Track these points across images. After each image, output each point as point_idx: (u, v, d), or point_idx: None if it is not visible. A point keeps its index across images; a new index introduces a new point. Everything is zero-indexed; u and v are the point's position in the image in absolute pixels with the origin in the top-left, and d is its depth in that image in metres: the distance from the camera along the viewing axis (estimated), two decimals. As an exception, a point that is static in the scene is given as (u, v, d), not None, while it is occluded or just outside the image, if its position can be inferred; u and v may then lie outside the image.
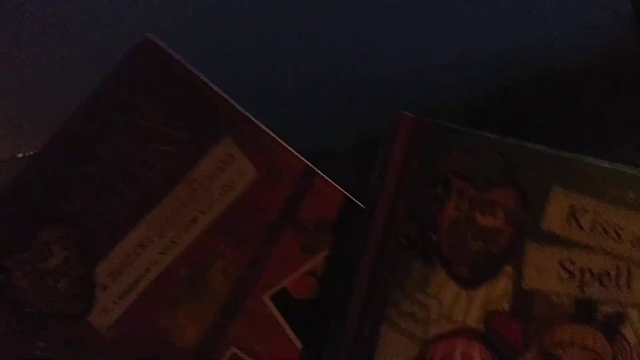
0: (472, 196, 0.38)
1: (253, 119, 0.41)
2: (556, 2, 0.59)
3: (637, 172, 0.38)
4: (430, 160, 0.39)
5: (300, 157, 0.41)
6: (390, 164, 0.39)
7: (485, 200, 0.38)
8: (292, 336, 0.40)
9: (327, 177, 0.41)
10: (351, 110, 0.57)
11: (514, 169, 0.38)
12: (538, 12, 0.59)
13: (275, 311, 0.40)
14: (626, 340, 0.36)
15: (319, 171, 0.41)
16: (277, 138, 0.41)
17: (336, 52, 0.59)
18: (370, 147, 0.45)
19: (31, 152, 0.46)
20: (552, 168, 0.38)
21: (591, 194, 0.38)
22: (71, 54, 0.56)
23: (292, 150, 0.41)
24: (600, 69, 0.57)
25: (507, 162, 0.38)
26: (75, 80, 0.48)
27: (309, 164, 0.41)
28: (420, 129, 0.39)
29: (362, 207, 0.40)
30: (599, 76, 0.39)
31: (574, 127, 0.41)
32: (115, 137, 0.41)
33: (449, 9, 0.59)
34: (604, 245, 0.37)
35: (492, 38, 0.60)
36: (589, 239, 0.37)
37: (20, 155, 0.55)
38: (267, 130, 0.41)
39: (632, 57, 0.60)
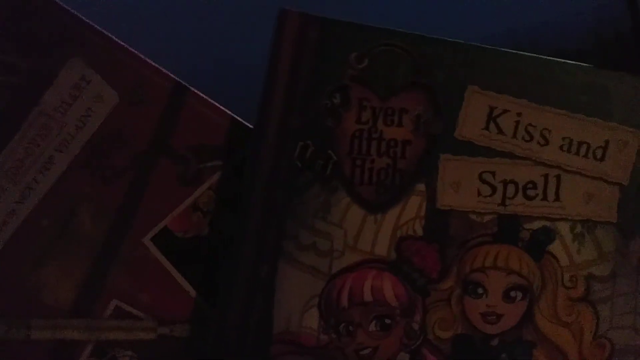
0: (374, 105, 0.34)
1: (107, 33, 0.36)
2: None
3: (567, 62, 0.33)
4: (322, 64, 0.34)
5: (169, 73, 0.36)
6: (277, 72, 0.34)
7: (389, 108, 0.34)
8: (181, 280, 0.37)
9: (203, 95, 0.36)
10: None
11: (422, 69, 0.34)
12: None
13: (158, 254, 0.36)
14: (556, 259, 0.33)
15: (192, 88, 0.36)
16: (139, 54, 0.36)
17: None
18: None
19: None
20: (466, 64, 0.34)
21: (513, 92, 0.34)
22: None
23: (158, 67, 0.36)
24: (591, 52, 0.58)
25: (413, 61, 0.34)
26: None
27: (180, 80, 0.36)
28: (309, 27, 0.34)
29: (247, 126, 0.35)
30: (590, 59, 0.36)
31: None
32: None
33: None
34: (530, 151, 0.34)
35: (483, 22, 0.60)
36: (512, 146, 0.34)
37: None
38: (126, 46, 0.37)
39: (623, 40, 0.58)
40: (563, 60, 0.36)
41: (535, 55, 0.36)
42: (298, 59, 0.36)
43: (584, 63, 0.36)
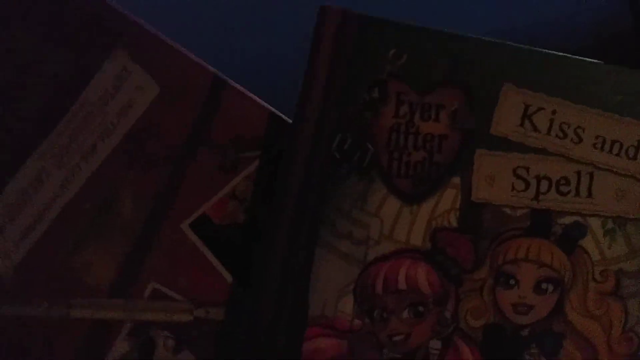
0: (411, 100, 0.36)
1: (149, 27, 0.38)
2: None
3: (600, 63, 0.35)
4: (362, 60, 0.37)
5: (208, 67, 0.38)
6: (317, 67, 0.37)
7: (426, 103, 0.36)
8: (218, 265, 0.39)
9: (242, 88, 0.38)
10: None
11: (459, 65, 0.36)
12: None
13: (196, 240, 0.39)
14: (587, 254, 0.35)
15: (232, 82, 0.38)
16: (180, 47, 0.38)
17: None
18: None
19: None
20: (503, 62, 0.37)
21: (548, 91, 0.36)
22: None
23: (199, 60, 0.39)
24: (593, 49, 0.58)
25: (451, 58, 0.36)
26: None
27: (219, 73, 0.38)
28: (349, 23, 0.36)
29: (285, 119, 0.38)
30: (592, 57, 0.38)
31: None
32: None
33: None
34: (563, 149, 0.36)
35: (485, 19, 0.63)
36: (546, 143, 0.36)
37: None
38: (167, 40, 0.40)
39: (624, 38, 0.59)
40: (597, 61, 0.38)
41: (570, 55, 0.38)
42: (338, 54, 0.39)
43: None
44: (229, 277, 0.41)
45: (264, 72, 0.53)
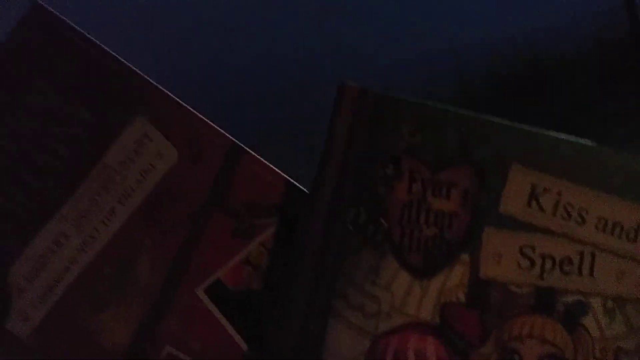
0: (424, 177, 0.38)
1: (170, 94, 0.40)
2: None
3: (604, 148, 0.38)
4: (377, 136, 0.38)
5: (226, 134, 0.40)
6: (334, 142, 0.38)
7: (439, 181, 0.38)
8: (231, 330, 0.41)
9: (257, 156, 0.40)
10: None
11: (470, 145, 0.38)
12: (529, 1, 0.61)
13: (210, 305, 0.40)
14: (587, 332, 0.38)
15: (247, 149, 0.40)
16: (198, 114, 0.40)
17: (328, 44, 0.63)
18: None
19: None
20: (512, 144, 0.39)
21: (554, 173, 0.38)
22: None
23: (216, 127, 0.41)
24: (592, 56, 0.61)
25: (463, 138, 0.38)
26: None
27: (236, 141, 0.40)
28: (365, 101, 0.38)
29: (301, 188, 0.40)
30: (591, 63, 0.40)
31: (567, 114, 0.42)
32: (11, 121, 0.40)
33: (439, 4, 0.60)
34: (567, 229, 0.38)
35: (484, 26, 0.64)
36: (551, 223, 0.38)
37: None
38: (187, 107, 0.41)
39: (624, 44, 0.62)
40: (601, 145, 0.40)
41: (577, 139, 0.40)
42: (354, 129, 0.40)
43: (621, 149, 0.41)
44: (242, 343, 0.43)
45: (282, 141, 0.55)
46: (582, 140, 0.41)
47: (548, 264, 0.40)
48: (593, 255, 0.40)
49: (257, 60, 0.62)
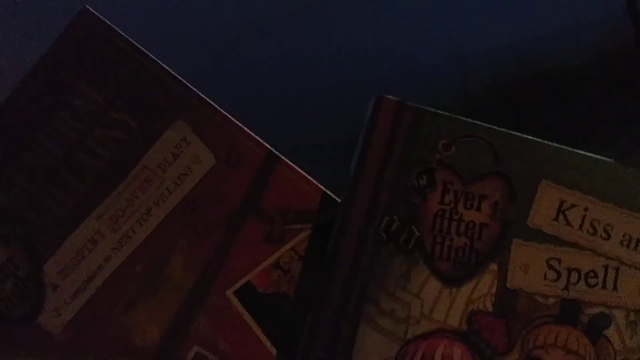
0: (457, 188, 0.40)
1: (209, 100, 0.43)
2: (550, 0, 0.63)
3: (631, 167, 0.40)
4: (413, 148, 0.40)
5: (262, 141, 0.42)
6: (371, 151, 0.41)
7: (471, 193, 0.40)
8: (259, 332, 0.42)
9: (291, 163, 0.42)
10: (347, 108, 0.61)
11: (502, 160, 0.40)
12: (533, 10, 0.64)
13: (239, 307, 0.42)
14: (610, 343, 0.39)
15: (282, 157, 0.42)
16: (236, 121, 0.42)
17: (331, 52, 0.65)
18: None
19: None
20: (542, 160, 0.41)
21: (582, 189, 0.40)
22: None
23: (253, 135, 0.43)
24: (595, 64, 0.63)
25: (495, 153, 0.40)
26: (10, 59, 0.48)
27: (272, 148, 0.42)
28: (403, 114, 0.40)
29: (333, 197, 0.41)
30: (594, 71, 0.42)
31: (570, 122, 0.44)
32: (57, 123, 0.42)
33: (444, 8, 0.63)
34: (593, 243, 0.40)
35: (488, 35, 0.68)
36: (578, 237, 0.40)
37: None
38: (225, 113, 0.44)
39: (626, 53, 0.64)
40: (627, 165, 0.42)
41: (603, 158, 0.42)
42: (391, 140, 0.43)
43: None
44: (268, 344, 0.44)
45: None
46: (610, 160, 0.43)
47: (574, 277, 0.42)
48: (617, 270, 0.42)
49: (260, 68, 0.64)
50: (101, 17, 0.45)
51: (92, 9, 0.45)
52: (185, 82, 0.46)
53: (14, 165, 0.45)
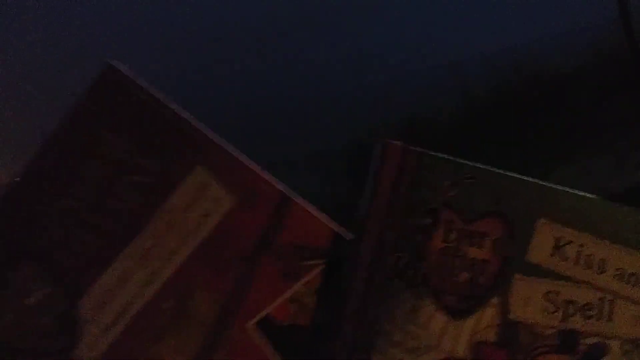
0: (459, 227, 0.44)
1: (227, 145, 0.47)
2: (546, 4, 0.66)
3: (623, 206, 0.44)
4: (418, 189, 0.45)
5: (277, 183, 0.47)
6: (378, 194, 0.45)
7: (472, 231, 0.44)
8: (278, 361, 0.46)
9: (304, 203, 0.47)
10: (347, 116, 0.63)
11: (501, 200, 0.45)
12: (528, 14, 0.67)
13: (260, 338, 0.46)
14: (607, 370, 0.43)
15: (295, 198, 0.47)
16: (253, 164, 0.47)
17: (332, 59, 0.67)
18: (365, 151, 0.50)
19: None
20: (538, 199, 0.45)
21: (577, 227, 0.45)
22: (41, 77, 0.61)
23: (268, 177, 0.49)
24: (591, 68, 0.65)
25: (494, 193, 0.45)
26: (47, 106, 0.53)
27: (285, 190, 0.47)
28: (407, 157, 0.45)
29: (344, 234, 0.46)
30: (590, 75, 0.45)
31: (568, 126, 0.47)
32: (86, 170, 0.47)
33: (441, 13, 0.65)
34: (588, 277, 0.44)
35: (485, 41, 0.69)
36: (574, 272, 0.44)
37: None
38: (242, 158, 0.48)
39: (622, 56, 0.66)
40: (622, 205, 0.47)
41: (597, 197, 0.47)
42: (397, 183, 0.47)
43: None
44: (287, 374, 0.49)
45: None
46: (604, 199, 0.47)
47: (571, 309, 0.46)
48: (612, 302, 0.46)
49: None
50: (124, 71, 0.51)
51: (116, 65, 0.51)
52: (204, 128, 0.51)
53: (49, 210, 0.50)
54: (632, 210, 0.48)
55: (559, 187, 0.48)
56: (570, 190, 0.48)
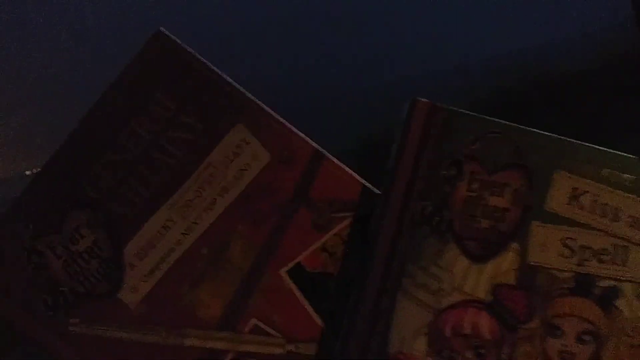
0: (482, 178, 0.48)
1: (265, 106, 0.52)
2: (555, 6, 0.69)
3: (637, 158, 0.48)
4: (443, 144, 0.49)
5: (311, 141, 0.51)
6: (407, 147, 0.50)
7: (494, 182, 0.48)
8: (308, 306, 0.50)
9: (336, 160, 0.51)
10: (352, 116, 0.68)
11: (521, 153, 0.49)
12: (537, 17, 0.70)
13: (291, 284, 0.50)
14: (621, 313, 0.47)
15: (328, 154, 0.51)
16: (288, 124, 0.52)
17: (338, 60, 0.71)
18: (370, 150, 0.53)
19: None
20: (556, 153, 0.49)
21: (592, 178, 0.49)
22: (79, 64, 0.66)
23: (303, 135, 0.52)
24: (599, 71, 0.67)
25: (515, 146, 0.49)
26: (84, 91, 0.58)
27: (319, 147, 0.51)
28: (434, 114, 0.49)
29: (373, 189, 0.50)
30: (598, 79, 0.49)
31: (575, 129, 0.51)
32: (136, 126, 0.52)
33: (448, 15, 0.68)
34: (603, 225, 0.48)
35: (492, 43, 0.71)
36: (589, 219, 0.48)
37: (28, 172, 0.64)
38: (279, 117, 0.53)
39: (632, 59, 0.69)
40: (635, 157, 0.50)
41: (613, 150, 0.50)
42: (424, 137, 0.51)
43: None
44: (317, 318, 0.52)
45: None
46: (618, 152, 0.51)
47: (587, 254, 0.50)
48: (626, 248, 0.50)
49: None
50: (173, 37, 0.56)
51: (165, 31, 0.56)
52: (244, 90, 0.55)
53: (100, 162, 0.54)
54: (646, 163, 0.51)
55: (577, 142, 0.52)
56: (588, 144, 0.51)
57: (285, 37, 0.72)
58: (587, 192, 0.51)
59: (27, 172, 0.67)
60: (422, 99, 0.53)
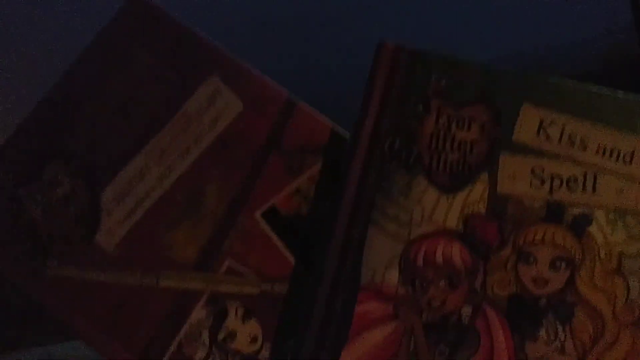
0: (449, 113, 0.49)
1: (238, 59, 0.53)
2: (555, 10, 0.70)
3: (603, 88, 0.49)
4: (411, 82, 0.50)
5: (283, 88, 0.52)
6: (375, 86, 0.51)
7: (461, 116, 0.50)
8: (283, 248, 0.51)
9: (308, 106, 0.52)
10: (352, 116, 0.68)
11: (488, 88, 0.50)
12: (537, 21, 0.71)
13: (265, 226, 0.51)
14: (593, 238, 0.47)
15: (300, 101, 0.52)
16: (261, 74, 0.53)
17: (338, 59, 0.74)
18: None
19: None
20: (523, 87, 0.50)
21: (559, 109, 0.49)
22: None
23: (275, 84, 0.53)
24: (599, 75, 0.68)
25: (482, 83, 0.50)
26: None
27: (291, 94, 0.52)
28: (400, 54, 0.51)
29: (343, 133, 0.51)
30: (598, 83, 0.50)
31: None
32: (114, 79, 0.54)
33: (449, 18, 0.70)
34: (572, 154, 0.49)
35: (492, 47, 0.73)
36: (558, 149, 0.49)
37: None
38: (251, 68, 0.54)
39: (633, 63, 0.70)
40: (600, 87, 0.51)
41: (576, 81, 0.51)
42: (391, 77, 0.53)
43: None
44: (291, 258, 0.53)
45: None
46: (582, 83, 0.52)
47: (556, 182, 0.50)
48: (595, 175, 0.50)
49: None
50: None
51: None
52: (217, 44, 0.57)
53: (80, 114, 0.56)
54: (612, 92, 0.52)
55: (542, 75, 0.53)
56: (552, 76, 0.52)
57: (285, 37, 0.74)
58: (554, 122, 0.52)
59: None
60: (388, 41, 0.54)
